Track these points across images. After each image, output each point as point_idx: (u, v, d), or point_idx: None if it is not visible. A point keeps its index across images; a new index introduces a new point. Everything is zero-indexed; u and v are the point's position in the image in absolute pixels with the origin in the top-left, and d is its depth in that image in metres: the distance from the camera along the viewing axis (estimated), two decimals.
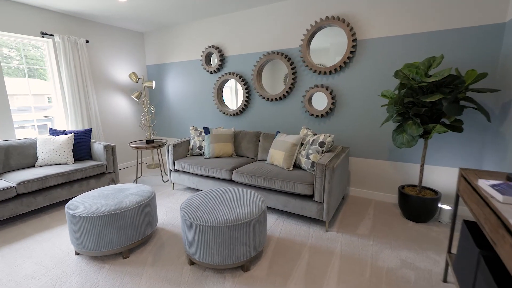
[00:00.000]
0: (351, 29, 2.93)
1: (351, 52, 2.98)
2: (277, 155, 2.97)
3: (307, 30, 3.17)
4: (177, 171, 3.51)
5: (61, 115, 3.73)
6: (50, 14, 3.49)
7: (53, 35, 3.48)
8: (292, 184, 2.56)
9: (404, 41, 2.76)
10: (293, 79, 3.40)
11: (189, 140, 3.72)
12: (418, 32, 2.68)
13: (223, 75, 3.97)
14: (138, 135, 4.87)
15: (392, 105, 2.50)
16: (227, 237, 1.84)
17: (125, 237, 2.13)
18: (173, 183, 3.63)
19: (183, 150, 3.60)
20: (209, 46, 4.00)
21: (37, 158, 3.13)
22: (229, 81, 4.09)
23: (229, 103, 4.17)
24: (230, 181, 3.09)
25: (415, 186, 2.84)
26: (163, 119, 4.93)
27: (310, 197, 2.54)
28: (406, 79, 2.38)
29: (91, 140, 3.63)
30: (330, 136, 2.73)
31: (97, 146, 3.43)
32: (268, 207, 2.94)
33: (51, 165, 3.11)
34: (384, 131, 3.01)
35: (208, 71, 4.14)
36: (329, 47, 3.17)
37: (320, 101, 3.36)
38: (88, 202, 2.17)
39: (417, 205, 2.56)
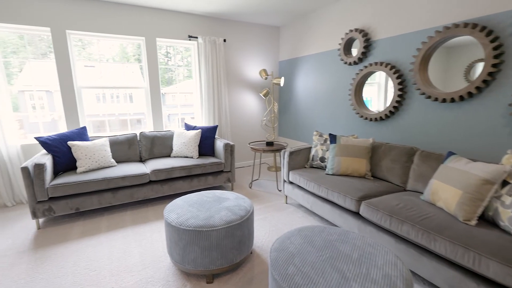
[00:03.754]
0: None
1: None
2: (446, 192, 1.77)
3: None
4: (291, 183, 2.93)
5: (198, 112, 4.01)
6: (196, 18, 3.77)
7: (197, 37, 3.74)
8: (476, 256, 1.37)
9: None
10: (494, 65, 1.99)
11: (311, 147, 3.04)
12: None
13: (365, 67, 2.99)
14: (261, 135, 4.70)
15: None
16: None
17: (209, 259, 1.76)
18: (286, 196, 3.10)
19: (302, 159, 2.97)
20: (351, 30, 3.12)
21: (172, 150, 3.44)
22: (372, 75, 3.05)
23: (370, 104, 3.13)
24: (356, 214, 2.17)
25: None
26: (288, 119, 4.50)
27: None
28: None
29: (216, 136, 3.69)
30: None
31: (219, 144, 3.40)
32: (414, 273, 1.80)
33: (180, 157, 3.32)
34: None
35: (346, 63, 3.27)
36: None
37: None
38: (183, 208, 1.96)
39: None
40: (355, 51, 3.21)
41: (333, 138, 2.73)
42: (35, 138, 2.61)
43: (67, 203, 2.52)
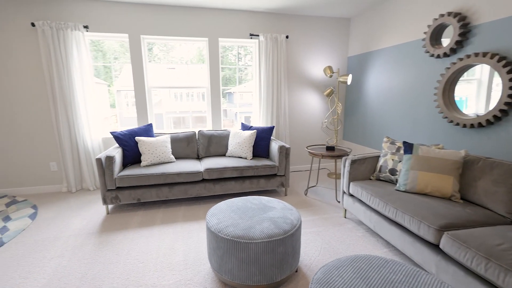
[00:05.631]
0: None
1: None
2: None
3: None
4: (351, 196, 2.55)
5: (256, 111, 3.93)
6: (257, 16, 3.66)
7: (258, 35, 3.64)
8: None
9: None
10: None
11: (379, 156, 2.58)
12: None
13: (461, 59, 2.36)
14: (321, 138, 4.31)
15: None
16: None
17: (246, 273, 1.61)
18: (345, 209, 2.71)
19: (367, 169, 2.55)
20: (442, 15, 2.51)
21: (227, 149, 3.43)
22: (470, 69, 2.38)
23: (465, 106, 2.46)
24: (435, 247, 1.70)
25: None
26: (354, 122, 4.00)
27: None
28: None
29: (272, 138, 3.53)
30: None
31: (274, 146, 3.23)
32: None
33: (234, 157, 3.28)
34: None
35: (433, 55, 2.67)
36: None
37: None
38: (225, 213, 1.86)
39: None
40: (445, 41, 2.58)
41: (408, 147, 2.24)
42: (110, 132, 2.93)
43: (130, 193, 2.75)
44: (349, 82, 3.56)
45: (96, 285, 1.75)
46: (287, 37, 3.71)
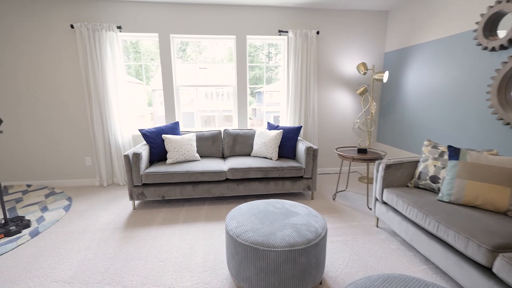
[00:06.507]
0: None
1: None
2: None
3: None
4: (384, 203, 2.32)
5: (284, 111, 3.79)
6: (287, 11, 3.52)
7: (287, 32, 3.51)
8: None
9: None
10: None
11: (418, 161, 2.32)
12: None
13: None
14: (351, 140, 4.05)
15: None
16: None
17: (265, 283, 1.50)
18: (377, 218, 2.49)
19: (404, 175, 2.31)
20: (499, 2, 2.18)
21: (252, 149, 3.35)
22: None
23: None
24: (486, 270, 1.45)
25: None
26: (389, 123, 3.69)
27: None
28: None
29: (299, 138, 3.37)
30: None
31: (301, 146, 3.08)
32: None
33: (259, 157, 3.19)
34: None
35: (486, 48, 2.34)
36: None
37: None
38: (246, 215, 1.77)
39: None
40: (501, 33, 2.24)
41: (454, 152, 1.97)
42: (139, 130, 3.00)
43: (155, 190, 2.78)
44: (385, 80, 3.28)
45: (116, 281, 1.76)
46: (318, 32, 3.53)
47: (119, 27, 3.24)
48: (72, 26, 3.14)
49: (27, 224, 2.43)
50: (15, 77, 3.25)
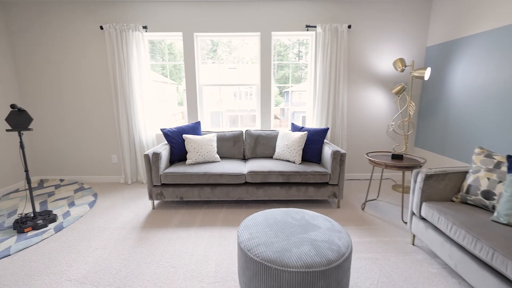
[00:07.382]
0: None
1: None
2: None
3: None
4: (423, 219, 2.01)
5: (310, 111, 3.56)
6: (314, 5, 3.29)
7: (315, 27, 3.27)
8: None
9: None
10: None
11: (467, 172, 1.98)
12: None
13: None
14: (385, 144, 3.68)
15: None
16: None
17: None
18: (413, 235, 2.18)
19: (448, 188, 1.98)
20: None
21: (275, 151, 3.18)
22: None
23: None
24: None
25: None
26: (431, 126, 3.27)
27: None
28: None
29: (325, 141, 3.13)
30: None
31: (327, 150, 2.84)
32: None
33: (281, 160, 3.01)
34: None
35: None
36: None
37: None
38: (260, 226, 1.61)
39: None
40: None
41: None
42: (161, 129, 2.99)
43: (174, 191, 2.74)
44: (426, 78, 2.91)
45: (126, 285, 1.71)
46: (349, 26, 3.25)
47: (144, 27, 3.27)
48: (101, 27, 3.23)
49: (53, 219, 2.52)
50: (52, 80, 3.44)
